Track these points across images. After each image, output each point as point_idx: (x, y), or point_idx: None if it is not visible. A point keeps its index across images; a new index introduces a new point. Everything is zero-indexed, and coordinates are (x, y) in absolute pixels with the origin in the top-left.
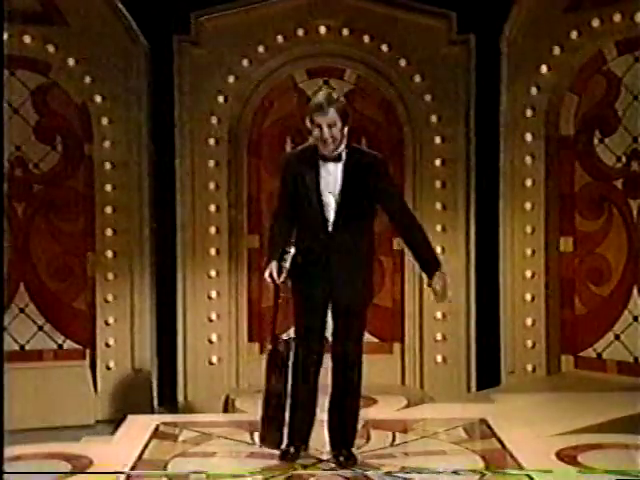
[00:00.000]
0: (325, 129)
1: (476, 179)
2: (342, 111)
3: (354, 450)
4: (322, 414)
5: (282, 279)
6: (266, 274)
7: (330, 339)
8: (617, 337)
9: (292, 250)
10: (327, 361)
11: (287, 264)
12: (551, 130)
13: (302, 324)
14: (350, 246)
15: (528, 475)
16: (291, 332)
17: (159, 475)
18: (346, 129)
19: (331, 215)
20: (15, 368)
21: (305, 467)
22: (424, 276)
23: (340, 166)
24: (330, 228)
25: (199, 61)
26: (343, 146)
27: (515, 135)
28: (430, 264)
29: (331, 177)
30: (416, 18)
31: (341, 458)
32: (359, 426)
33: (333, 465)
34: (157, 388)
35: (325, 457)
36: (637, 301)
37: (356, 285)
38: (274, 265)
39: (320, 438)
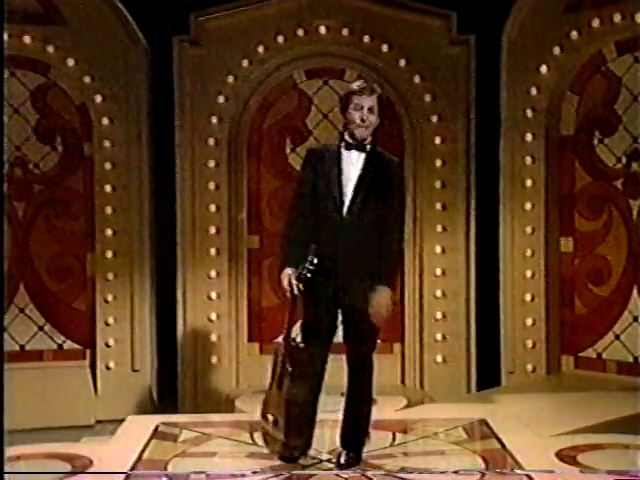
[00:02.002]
0: (366, 111)
1: (476, 179)
2: (381, 101)
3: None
4: (323, 414)
5: (301, 288)
6: (284, 282)
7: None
8: (617, 337)
9: (315, 260)
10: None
11: (309, 274)
12: (551, 130)
13: (310, 323)
14: (363, 236)
15: (528, 475)
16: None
17: (159, 475)
18: (377, 123)
19: (347, 200)
20: (15, 368)
21: (305, 467)
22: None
23: (363, 155)
24: (345, 212)
25: (199, 61)
26: (368, 139)
27: (515, 135)
28: (378, 279)
29: (353, 166)
30: (416, 18)
31: (342, 459)
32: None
33: (333, 465)
34: (157, 388)
35: (325, 457)
36: (637, 301)
37: (367, 282)
38: (291, 272)
39: (319, 438)
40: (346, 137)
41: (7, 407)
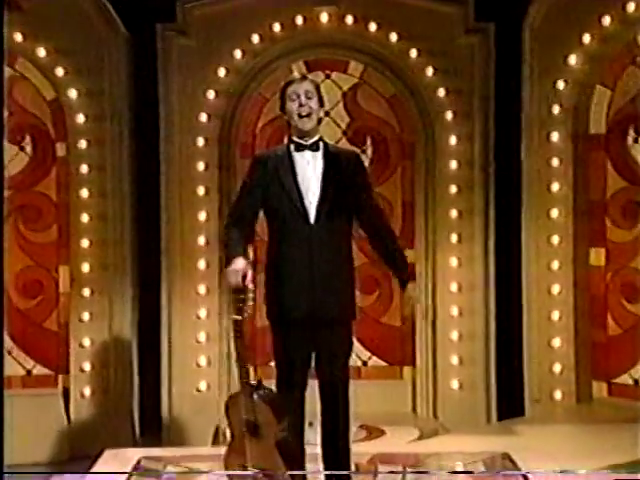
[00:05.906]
0: (303, 97)
1: (495, 183)
2: (318, 88)
3: None
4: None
5: (245, 315)
6: (233, 277)
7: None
8: None
9: (252, 286)
10: None
11: (250, 302)
12: (580, 128)
13: (285, 346)
14: (334, 244)
15: (524, 475)
16: None
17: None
18: (321, 113)
19: (313, 206)
20: None
21: None
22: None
23: (319, 155)
24: (312, 220)
25: (186, 52)
26: (318, 136)
27: (540, 134)
28: (404, 272)
29: (309, 166)
30: (428, 4)
31: None
32: (364, 460)
33: None
34: (138, 418)
35: None
36: None
37: (342, 291)
38: (241, 262)
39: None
40: (293, 137)
41: None
